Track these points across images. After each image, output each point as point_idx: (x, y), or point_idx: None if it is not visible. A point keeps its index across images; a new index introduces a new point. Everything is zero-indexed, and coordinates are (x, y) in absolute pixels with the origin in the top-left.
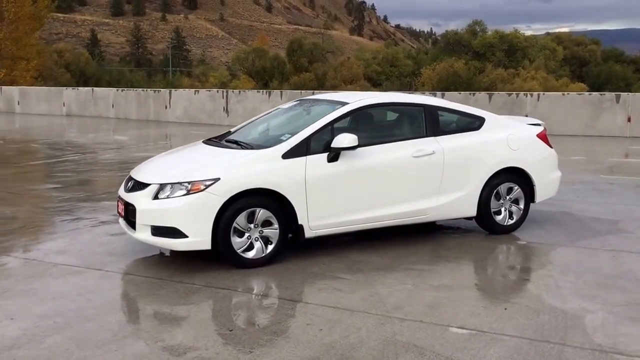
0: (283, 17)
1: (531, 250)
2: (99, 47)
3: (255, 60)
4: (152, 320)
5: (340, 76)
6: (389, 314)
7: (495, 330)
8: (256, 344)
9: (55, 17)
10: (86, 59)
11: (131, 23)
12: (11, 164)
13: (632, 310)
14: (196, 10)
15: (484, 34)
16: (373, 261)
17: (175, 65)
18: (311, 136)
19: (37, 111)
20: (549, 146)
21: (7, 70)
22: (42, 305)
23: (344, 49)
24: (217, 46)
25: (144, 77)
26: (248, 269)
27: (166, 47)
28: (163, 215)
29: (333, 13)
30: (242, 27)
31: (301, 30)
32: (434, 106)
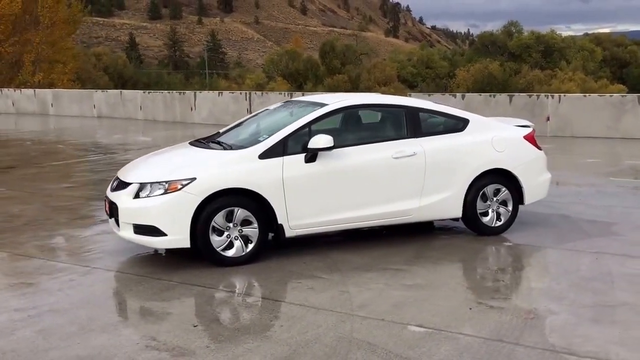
0: (318, 19)
1: (515, 252)
2: (137, 50)
3: (288, 62)
4: (121, 314)
5: (373, 78)
6: (352, 312)
7: (452, 329)
8: (215, 339)
9: (94, 21)
10: (124, 62)
11: (168, 26)
12: (33, 164)
13: (597, 312)
14: (232, 14)
15: (520, 34)
16: (354, 261)
17: (212, 67)
18: (288, 137)
19: (69, 113)
20: (537, 148)
21: (45, 74)
22: (22, 299)
23: (378, 50)
24: (253, 49)
25: (182, 79)
26: (228, 267)
27: (202, 50)
28: (143, 214)
29: (368, 15)
30: (277, 30)
31: (336, 32)
32: (415, 107)
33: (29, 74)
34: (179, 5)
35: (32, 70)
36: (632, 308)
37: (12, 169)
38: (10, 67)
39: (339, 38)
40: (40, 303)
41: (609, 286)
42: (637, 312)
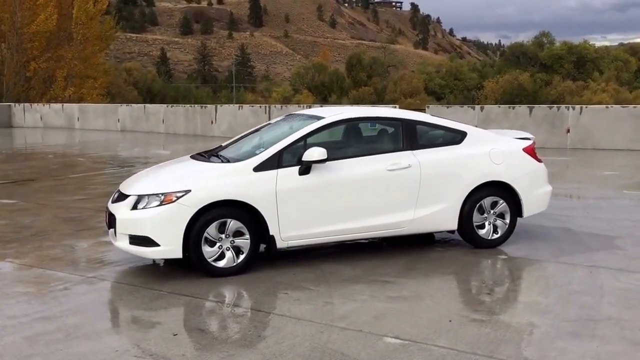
0: (347, 32)
1: (508, 265)
2: (167, 64)
3: (314, 75)
4: (107, 322)
5: (399, 90)
6: (332, 323)
7: (428, 341)
8: (192, 348)
9: (128, 36)
10: (153, 76)
11: (199, 41)
12: (52, 177)
13: (579, 326)
14: (262, 28)
15: (552, 45)
16: (344, 272)
17: (240, 81)
18: (283, 150)
19: (95, 127)
20: (537, 160)
21: (76, 89)
22: (15, 307)
23: (406, 62)
24: (281, 62)
25: (210, 93)
26: (219, 278)
27: (231, 64)
28: (138, 225)
29: (397, 27)
30: (306, 43)
31: (364, 45)
32: (412, 120)
33: (60, 89)
34: (210, 20)
35: (64, 85)
36: (616, 323)
37: (31, 182)
38: (43, 82)
39: (366, 51)
40: (32, 311)
41: (597, 300)
42: (620, 327)
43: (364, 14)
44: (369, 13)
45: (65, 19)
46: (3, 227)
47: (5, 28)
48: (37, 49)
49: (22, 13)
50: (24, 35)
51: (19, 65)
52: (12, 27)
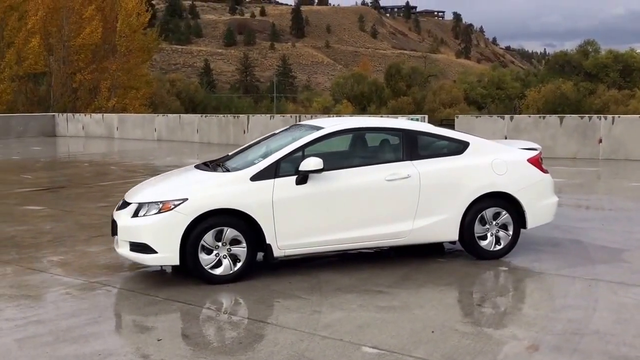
0: (388, 42)
1: (507, 277)
2: (211, 75)
3: (354, 85)
4: (97, 326)
5: (439, 100)
6: (314, 332)
7: (405, 351)
8: (173, 353)
9: (174, 48)
10: (195, 87)
11: (242, 52)
12: (82, 185)
13: (562, 340)
14: (303, 38)
15: (597, 54)
16: (339, 281)
17: (281, 91)
18: (280, 160)
19: (133, 136)
20: (542, 171)
21: (119, 99)
22: (15, 310)
23: (447, 72)
24: (322, 72)
25: (251, 103)
26: (216, 285)
27: (273, 75)
28: (137, 232)
29: (439, 37)
30: (347, 53)
31: (406, 55)
32: (413, 131)
33: (104, 100)
34: (253, 31)
35: (108, 96)
36: (602, 337)
37: (62, 189)
38: (88, 92)
39: (406, 60)
40: (30, 314)
41: (589, 314)
42: (605, 341)
43: (405, 24)
44: (410, 23)
45: (109, 32)
46: (23, 233)
47: (53, 41)
48: (82, 61)
49: (69, 27)
50: (71, 48)
51: (65, 76)
52: (60, 40)
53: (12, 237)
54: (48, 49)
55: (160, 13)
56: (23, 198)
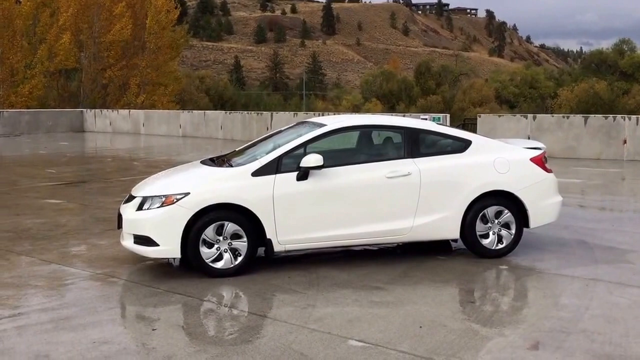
0: (420, 39)
1: (505, 275)
2: (241, 72)
3: (382, 83)
4: (96, 316)
5: (468, 99)
6: (305, 325)
7: (390, 345)
8: (165, 342)
9: (205, 45)
10: (224, 84)
11: (272, 49)
12: (103, 179)
13: (548, 338)
14: (334, 36)
15: (632, 53)
16: (338, 277)
17: (311, 89)
18: (282, 156)
19: (158, 132)
20: (545, 170)
21: (148, 95)
22: (21, 299)
23: (479, 70)
24: (352, 70)
25: (280, 100)
26: (217, 278)
27: (303, 72)
28: (139, 225)
29: (472, 35)
30: (378, 51)
31: (437, 53)
32: (415, 129)
33: (133, 96)
34: (283, 28)
35: (137, 92)
36: (588, 336)
37: (83, 183)
38: (118, 89)
39: (435, 59)
40: (35, 302)
41: (580, 313)
42: (591, 340)
43: (437, 21)
44: (442, 20)
45: (139, 29)
46: (40, 226)
47: (83, 37)
48: (112, 58)
49: (100, 23)
50: (101, 45)
51: (95, 72)
52: (90, 37)
53: (29, 229)
54: (79, 45)
55: (192, 10)
56: (44, 192)
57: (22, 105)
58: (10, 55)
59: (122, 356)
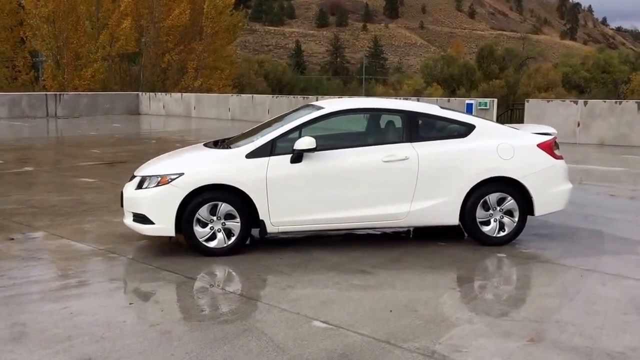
0: (487, 22)
1: (499, 263)
2: (302, 56)
3: (443, 67)
4: (82, 289)
5: (533, 83)
6: (277, 305)
7: (352, 328)
8: (136, 316)
9: (267, 30)
10: (283, 68)
11: (333, 34)
12: (142, 160)
13: (517, 327)
14: (397, 19)
15: None
16: (328, 259)
17: (372, 73)
18: (277, 138)
19: (208, 115)
20: (553, 157)
21: (205, 79)
22: (22, 270)
23: (548, 54)
24: (415, 54)
25: (340, 85)
26: (210, 257)
27: (363, 56)
28: (137, 203)
29: (542, 17)
30: (442, 34)
31: (505, 36)
32: (415, 112)
33: (190, 80)
34: (345, 12)
35: (194, 76)
36: (561, 327)
37: (121, 164)
38: (176, 72)
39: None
40: (33, 274)
41: (561, 303)
42: (561, 330)
43: (506, 4)
44: (511, 2)
45: (197, 14)
46: (65, 202)
47: (144, 22)
48: (171, 42)
49: (159, 8)
50: (161, 29)
51: (155, 57)
52: (151, 22)
53: (53, 206)
54: (139, 30)
55: None
56: (82, 171)
57: (85, 88)
58: (74, 40)
59: (91, 327)
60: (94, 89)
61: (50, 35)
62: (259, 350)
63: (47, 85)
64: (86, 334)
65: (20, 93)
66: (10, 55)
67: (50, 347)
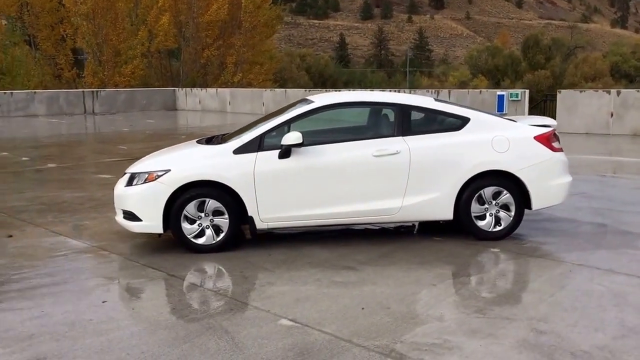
0: (535, 12)
1: (489, 258)
2: (346, 49)
3: (487, 58)
4: (63, 286)
5: (580, 73)
6: (250, 303)
7: (318, 325)
8: (105, 315)
9: (311, 23)
10: (325, 61)
11: (378, 26)
12: None
13: (487, 324)
14: (442, 10)
15: None
16: (317, 256)
17: (417, 65)
18: (265, 134)
19: (243, 110)
20: (551, 149)
21: (244, 74)
22: (8, 267)
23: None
24: (461, 45)
25: (384, 77)
26: (197, 255)
27: (408, 48)
28: (125, 200)
29: (592, 5)
30: (489, 25)
31: (553, 25)
32: (408, 105)
33: (230, 75)
34: (390, 4)
35: (234, 71)
36: (531, 324)
37: None
38: (216, 68)
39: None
40: (17, 272)
41: (540, 300)
42: (530, 327)
43: None
44: None
45: (235, 8)
46: (75, 199)
47: (182, 18)
48: (210, 37)
49: (198, 4)
50: (199, 25)
51: (194, 52)
52: (189, 17)
53: (62, 203)
54: (178, 26)
55: None
56: (102, 167)
57: (125, 84)
58: (113, 36)
59: (56, 326)
60: (134, 85)
61: (90, 33)
62: (216, 349)
63: (88, 82)
64: (49, 332)
65: (58, 90)
66: (52, 53)
67: (10, 346)
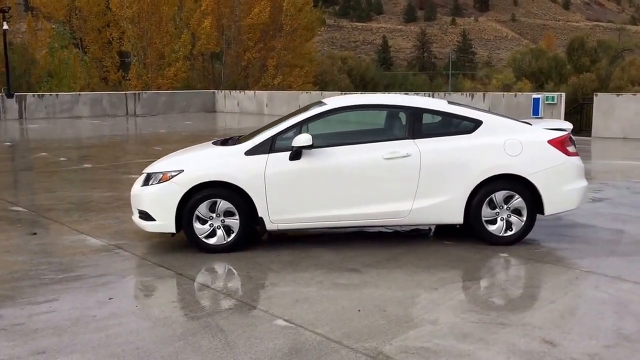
0: (582, 13)
1: (496, 264)
2: (389, 52)
3: (531, 61)
4: (74, 283)
5: (627, 77)
6: (249, 303)
7: (311, 327)
8: (109, 312)
9: (354, 26)
10: (367, 64)
11: (421, 28)
12: None
13: (480, 328)
14: (487, 12)
15: None
16: (323, 257)
17: (460, 68)
18: (276, 135)
19: (280, 112)
20: (566, 153)
21: (284, 77)
22: (24, 264)
23: None
24: (506, 47)
25: (426, 80)
26: (208, 255)
27: (451, 51)
28: (140, 200)
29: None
30: (535, 27)
31: (601, 27)
32: (420, 108)
33: (270, 77)
34: (434, 6)
35: (274, 74)
36: (525, 330)
37: None
38: (257, 70)
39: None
40: (34, 268)
41: (540, 306)
42: (523, 334)
43: None
44: None
45: (276, 11)
46: (102, 199)
47: (225, 22)
48: (251, 40)
49: (240, 7)
50: (241, 28)
51: (236, 55)
52: (231, 20)
53: (90, 202)
54: (220, 29)
55: None
56: (134, 167)
57: (168, 87)
58: (157, 40)
59: (61, 321)
60: (177, 88)
61: (135, 36)
62: (208, 347)
63: (132, 84)
64: (53, 327)
65: (102, 92)
66: (99, 56)
67: (14, 340)
